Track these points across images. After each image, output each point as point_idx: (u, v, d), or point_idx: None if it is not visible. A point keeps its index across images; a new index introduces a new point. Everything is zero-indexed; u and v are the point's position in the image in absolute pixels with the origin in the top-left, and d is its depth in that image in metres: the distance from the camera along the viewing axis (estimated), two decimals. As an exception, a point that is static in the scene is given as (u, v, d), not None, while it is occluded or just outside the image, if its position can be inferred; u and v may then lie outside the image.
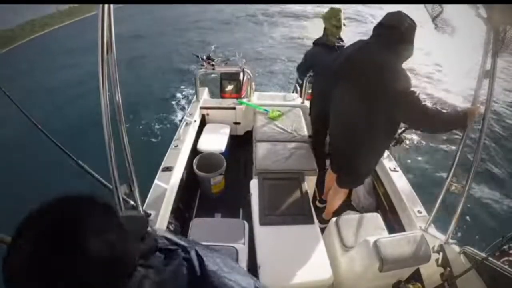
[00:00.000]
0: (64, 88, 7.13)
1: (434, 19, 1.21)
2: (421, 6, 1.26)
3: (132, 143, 1.27)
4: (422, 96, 1.47)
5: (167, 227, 1.85)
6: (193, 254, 0.57)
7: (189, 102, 3.26)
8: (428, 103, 1.47)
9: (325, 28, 2.22)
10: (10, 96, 1.37)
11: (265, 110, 2.81)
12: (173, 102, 5.88)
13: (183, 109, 5.40)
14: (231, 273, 0.59)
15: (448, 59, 7.21)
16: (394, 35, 1.48)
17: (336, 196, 2.11)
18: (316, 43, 2.30)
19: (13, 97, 1.36)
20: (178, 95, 6.14)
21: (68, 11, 13.02)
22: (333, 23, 2.12)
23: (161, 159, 2.27)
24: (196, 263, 0.56)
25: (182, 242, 0.59)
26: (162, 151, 2.41)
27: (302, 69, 2.52)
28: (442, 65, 7.31)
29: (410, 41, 1.51)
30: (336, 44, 2.19)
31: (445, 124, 1.51)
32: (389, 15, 1.53)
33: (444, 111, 1.48)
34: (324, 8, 2.25)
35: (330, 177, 2.22)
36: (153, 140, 4.42)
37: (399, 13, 1.51)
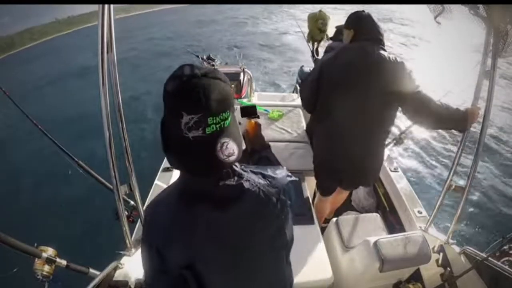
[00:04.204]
0: (63, 91, 7.14)
1: (436, 17, 1.21)
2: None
3: (132, 143, 1.27)
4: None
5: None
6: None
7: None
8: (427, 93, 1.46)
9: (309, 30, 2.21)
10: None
11: (265, 110, 2.81)
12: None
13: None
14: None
15: (448, 59, 7.22)
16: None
17: (339, 196, 2.11)
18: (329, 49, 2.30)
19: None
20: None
21: (67, 21, 13.08)
22: (318, 25, 2.12)
23: (162, 159, 2.27)
24: None
25: None
26: (162, 151, 2.41)
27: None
28: (442, 66, 7.31)
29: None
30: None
31: (444, 120, 1.47)
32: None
33: (445, 106, 1.45)
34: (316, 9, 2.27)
35: (323, 204, 2.09)
36: (154, 140, 4.42)
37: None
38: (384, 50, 1.50)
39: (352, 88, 1.52)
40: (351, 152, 1.64)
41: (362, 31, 1.53)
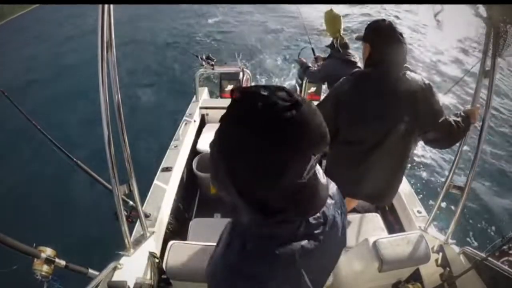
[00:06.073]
0: (64, 87, 7.10)
1: (435, 16, 1.21)
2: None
3: (131, 143, 1.27)
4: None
5: (167, 228, 1.85)
6: None
7: (189, 102, 3.25)
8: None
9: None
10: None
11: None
12: (172, 102, 5.87)
13: (182, 109, 5.36)
14: None
15: (448, 58, 7.24)
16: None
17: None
18: (333, 55, 2.20)
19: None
20: (178, 95, 6.13)
21: None
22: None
23: (161, 159, 2.27)
24: None
25: None
26: (162, 152, 2.40)
27: (315, 78, 2.41)
28: (441, 64, 7.32)
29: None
30: (351, 58, 2.08)
31: (458, 137, 1.44)
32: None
33: (456, 122, 1.40)
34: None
35: None
36: (153, 140, 4.42)
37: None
38: (411, 70, 1.36)
39: (379, 122, 1.38)
40: (370, 185, 1.55)
41: (381, 47, 1.35)
